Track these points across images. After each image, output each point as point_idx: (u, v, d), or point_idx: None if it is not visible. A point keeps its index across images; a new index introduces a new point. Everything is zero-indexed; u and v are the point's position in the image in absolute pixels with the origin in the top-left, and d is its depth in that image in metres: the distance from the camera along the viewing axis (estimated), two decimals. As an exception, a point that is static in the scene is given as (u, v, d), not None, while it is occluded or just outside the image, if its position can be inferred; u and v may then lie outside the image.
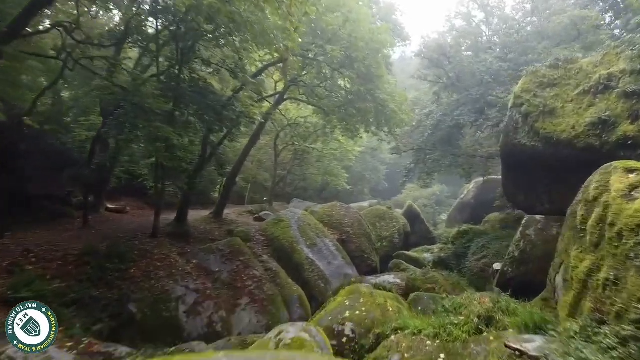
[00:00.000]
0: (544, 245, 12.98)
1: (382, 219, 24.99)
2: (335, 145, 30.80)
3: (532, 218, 14.75)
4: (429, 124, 20.26)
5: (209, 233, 16.43)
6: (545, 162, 12.82)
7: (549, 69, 13.49)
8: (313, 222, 19.72)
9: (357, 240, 20.04)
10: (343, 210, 22.06)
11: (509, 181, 16.95)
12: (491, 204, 29.41)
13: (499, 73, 18.19)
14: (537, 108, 12.78)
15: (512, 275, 13.50)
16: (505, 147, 14.87)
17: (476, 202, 31.11)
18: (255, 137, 18.96)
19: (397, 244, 23.93)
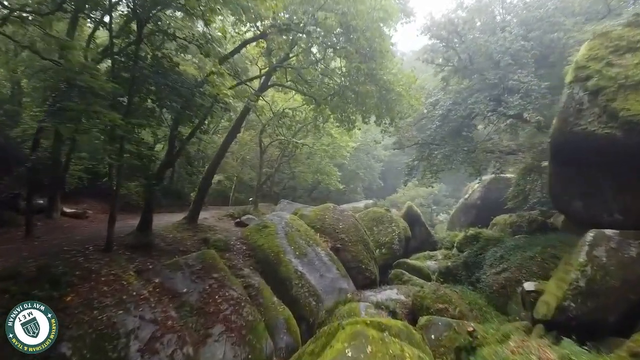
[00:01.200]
0: (621, 270, 10.56)
1: (380, 223, 22.99)
2: (327, 140, 28.65)
3: (600, 234, 11.56)
4: (436, 115, 18.22)
5: (178, 243, 14.23)
6: (625, 155, 10.09)
7: (627, 29, 10.72)
8: (303, 227, 17.65)
9: (353, 248, 17.99)
10: (337, 213, 19.99)
11: (559, 183, 14.26)
12: (499, 205, 27.56)
13: (519, 54, 16.20)
14: (612, 81, 10.09)
15: (577, 313, 10.49)
16: (560, 136, 12.13)
17: (483, 203, 29.30)
18: (235, 129, 16.76)
19: (397, 251, 21.95)
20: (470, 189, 31.83)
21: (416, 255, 24.77)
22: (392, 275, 19.11)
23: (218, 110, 11.42)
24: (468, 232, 22.50)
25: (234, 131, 16.75)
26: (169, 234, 14.91)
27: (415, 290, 14.48)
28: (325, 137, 28.72)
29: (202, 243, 15.12)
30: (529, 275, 13.41)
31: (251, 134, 33.16)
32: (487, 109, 15.81)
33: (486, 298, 14.06)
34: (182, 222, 16.68)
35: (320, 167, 34.61)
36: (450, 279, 18.49)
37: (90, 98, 8.08)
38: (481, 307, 13.19)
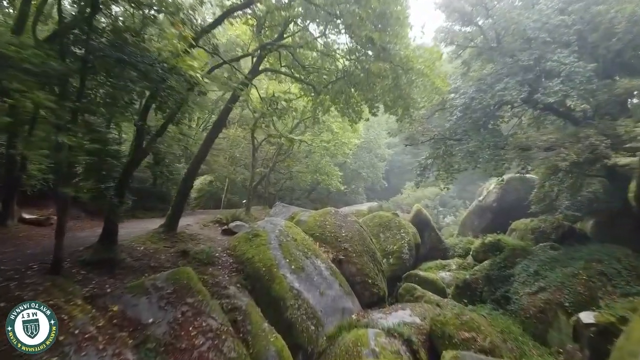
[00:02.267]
0: None
1: (387, 229, 21.00)
2: (328, 137, 26.56)
3: None
4: (457, 104, 16.13)
5: (150, 257, 12.20)
6: None
7: None
8: (300, 236, 15.65)
9: (358, 260, 15.98)
10: (339, 219, 17.97)
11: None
12: (518, 208, 25.65)
13: (558, 30, 14.12)
14: None
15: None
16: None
17: (499, 205, 27.29)
18: (220, 122, 14.69)
19: (407, 261, 19.96)
20: (485, 190, 29.77)
21: (427, 264, 22.80)
22: (402, 290, 17.12)
23: (192, 96, 9.31)
24: (486, 239, 20.56)
25: (219, 124, 14.68)
26: (140, 246, 12.88)
27: (433, 313, 12.44)
28: (325, 134, 26.66)
29: (180, 256, 13.10)
30: (573, 298, 11.43)
31: (244, 133, 31.18)
32: (520, 96, 13.76)
33: (520, 324, 12.04)
34: (159, 231, 14.64)
35: (319, 167, 32.56)
36: (469, 295, 16.56)
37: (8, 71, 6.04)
38: (516, 336, 11.19)
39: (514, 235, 22.72)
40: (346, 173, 41.82)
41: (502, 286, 15.07)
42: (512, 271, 15.26)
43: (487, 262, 18.21)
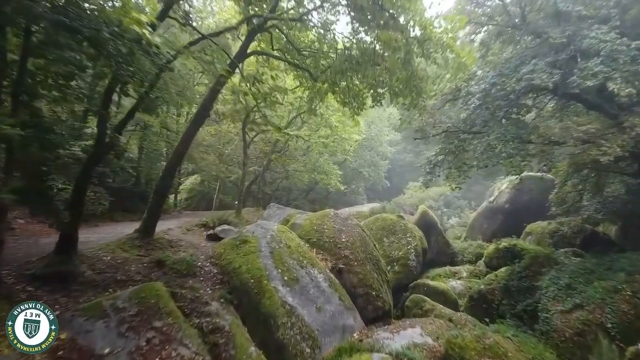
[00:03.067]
0: None
1: (391, 233, 19.48)
2: (326, 132, 24.95)
3: None
4: (475, 91, 14.51)
5: (117, 268, 10.62)
6: None
7: None
8: (294, 242, 14.11)
9: (360, 269, 14.42)
10: (338, 222, 16.40)
11: None
12: (533, 209, 24.18)
13: (595, 2, 12.53)
14: None
15: None
16: None
17: (512, 207, 25.76)
18: (203, 111, 13.04)
19: (414, 269, 18.44)
20: (496, 190, 28.19)
21: (434, 271, 21.29)
22: (409, 302, 15.58)
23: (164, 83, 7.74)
24: (500, 244, 19.01)
25: (201, 114, 13.05)
26: (107, 255, 11.29)
27: (448, 332, 10.86)
28: (323, 130, 25.06)
29: (155, 267, 11.54)
30: (616, 318, 9.90)
31: (237, 129, 29.55)
32: (552, 80, 12.15)
33: (554, 348, 10.45)
34: (133, 237, 13.05)
35: (317, 165, 30.98)
36: (484, 309, 15.04)
37: None
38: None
39: (530, 239, 21.19)
40: (346, 172, 40.36)
41: (523, 299, 13.56)
42: (536, 282, 13.73)
43: (503, 270, 16.69)
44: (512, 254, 18.24)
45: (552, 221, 20.78)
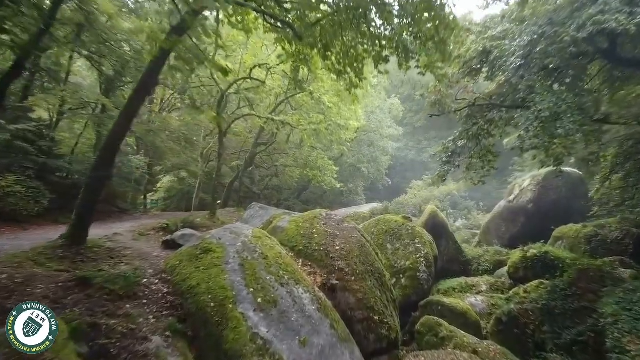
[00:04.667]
0: None
1: (397, 238, 16.75)
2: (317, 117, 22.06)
3: None
4: (515, 48, 11.59)
5: (13, 292, 7.74)
6: None
7: None
8: (274, 251, 11.31)
9: (359, 286, 11.61)
10: (331, 225, 13.59)
11: None
12: (560, 210, 21.53)
13: None
14: None
15: None
16: None
17: (537, 207, 23.04)
18: (149, 78, 10.16)
19: (425, 282, 15.73)
20: (517, 188, 25.38)
21: (446, 282, 18.62)
22: (421, 327, 12.76)
23: None
24: (528, 252, 16.32)
25: (147, 81, 10.17)
26: (10, 270, 8.44)
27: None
28: (315, 115, 22.17)
29: (76, 286, 8.68)
30: None
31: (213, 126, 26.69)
32: (634, 21, 9.33)
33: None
34: (56, 245, 10.19)
35: (310, 160, 28.10)
36: (517, 336, 12.40)
37: None
38: None
39: (560, 245, 18.56)
40: (343, 169, 37.71)
41: (572, 326, 10.84)
42: (590, 304, 10.96)
43: (534, 284, 14.14)
44: (544, 264, 15.65)
45: (587, 223, 18.08)
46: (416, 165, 60.85)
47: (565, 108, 10.03)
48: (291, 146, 31.81)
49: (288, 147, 31.49)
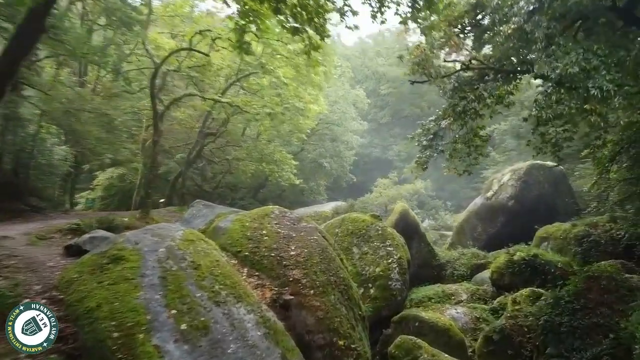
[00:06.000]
0: None
1: (364, 240, 14.83)
2: (272, 99, 19.72)
3: None
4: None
5: None
6: None
7: None
8: (210, 258, 9.02)
9: (320, 301, 9.45)
10: (285, 225, 11.36)
11: None
12: (542, 207, 20.17)
13: None
14: None
15: None
16: None
17: (519, 204, 21.58)
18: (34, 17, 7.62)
19: (398, 292, 13.88)
20: (496, 183, 23.84)
21: (420, 290, 17.05)
22: (395, 349, 10.74)
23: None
24: (515, 255, 14.70)
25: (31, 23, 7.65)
26: None
27: None
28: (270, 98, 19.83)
29: None
30: None
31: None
32: None
33: None
34: None
35: (266, 153, 25.73)
36: (510, 357, 10.45)
37: None
38: None
39: (546, 246, 17.15)
40: (303, 165, 35.66)
41: (585, 347, 9.11)
42: (606, 320, 9.23)
43: (524, 293, 12.44)
44: (533, 269, 14.01)
45: (576, 222, 16.66)
46: (381, 163, 59.74)
47: (598, 63, 8.23)
48: (247, 139, 29.53)
49: (243, 139, 29.16)
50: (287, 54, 17.41)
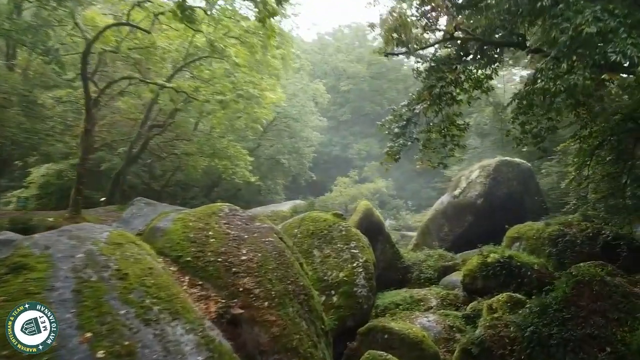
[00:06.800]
0: None
1: (326, 242, 13.68)
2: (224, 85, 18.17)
3: None
4: None
5: None
6: None
7: None
8: (139, 266, 7.56)
9: (276, 316, 8.16)
10: (236, 224, 9.98)
11: None
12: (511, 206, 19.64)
13: None
14: None
15: None
16: None
17: (488, 202, 20.98)
18: None
19: (365, 300, 12.78)
20: (464, 181, 23.12)
21: (386, 295, 16.35)
22: (362, 368, 9.50)
23: None
24: (488, 256, 13.90)
25: None
26: None
27: None
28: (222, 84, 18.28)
29: None
30: None
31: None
32: None
33: None
34: None
35: (219, 148, 24.10)
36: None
37: None
38: None
39: (518, 247, 16.54)
40: (260, 162, 34.26)
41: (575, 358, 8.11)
42: (601, 331, 8.36)
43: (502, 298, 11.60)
44: (509, 272, 13.21)
45: (549, 221, 16.11)
46: (341, 162, 59.23)
47: (617, 25, 7.28)
48: (199, 134, 27.87)
49: (194, 134, 27.47)
50: (240, 31, 16.01)
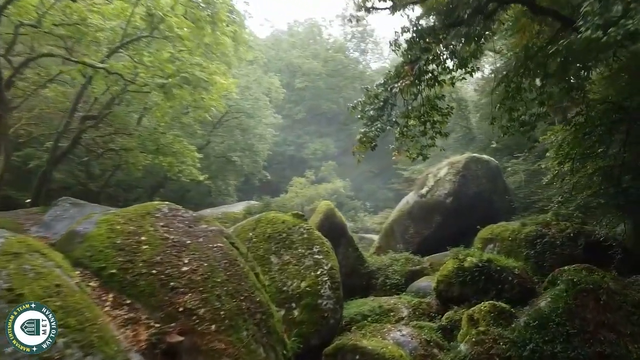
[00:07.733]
0: None
1: (286, 247, 12.24)
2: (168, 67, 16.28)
3: None
4: None
5: None
6: None
7: None
8: (41, 283, 5.92)
9: (227, 341, 6.59)
10: (177, 226, 8.30)
11: None
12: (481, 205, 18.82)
13: None
14: None
15: None
16: None
17: (458, 201, 20.05)
18: None
19: (331, 314, 11.33)
20: (432, 179, 22.10)
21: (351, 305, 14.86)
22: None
23: None
24: (465, 261, 12.79)
25: None
26: None
27: None
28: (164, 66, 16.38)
29: None
30: None
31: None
32: None
33: None
34: None
35: (164, 143, 22.10)
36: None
37: None
38: None
39: (491, 249, 15.60)
40: (210, 161, 32.31)
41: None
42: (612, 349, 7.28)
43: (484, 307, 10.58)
44: (488, 277, 12.17)
45: (525, 221, 15.27)
46: (296, 162, 58.00)
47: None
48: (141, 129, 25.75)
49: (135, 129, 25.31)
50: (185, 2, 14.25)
